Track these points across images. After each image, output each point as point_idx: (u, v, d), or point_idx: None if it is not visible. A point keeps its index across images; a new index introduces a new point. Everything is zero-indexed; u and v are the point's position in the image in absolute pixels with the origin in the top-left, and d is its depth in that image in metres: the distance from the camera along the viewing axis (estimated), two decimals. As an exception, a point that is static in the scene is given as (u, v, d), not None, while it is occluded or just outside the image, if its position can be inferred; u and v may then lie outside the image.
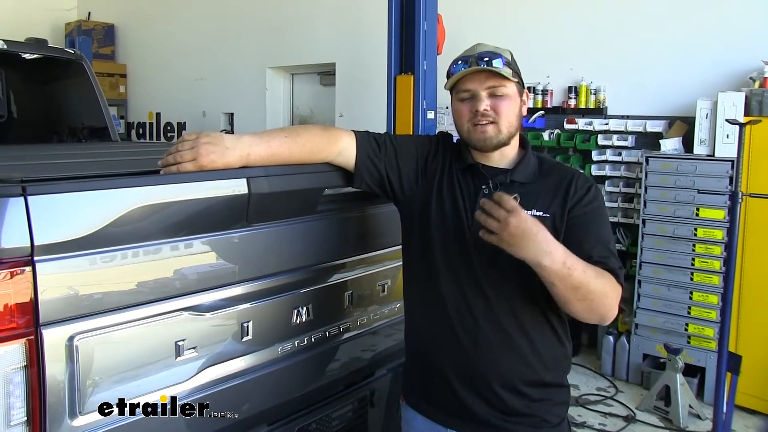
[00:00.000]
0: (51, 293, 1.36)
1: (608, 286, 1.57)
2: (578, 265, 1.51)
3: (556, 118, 5.07)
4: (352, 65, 6.28)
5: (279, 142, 1.70)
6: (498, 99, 1.70)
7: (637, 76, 4.76)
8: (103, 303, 1.45)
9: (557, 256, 1.47)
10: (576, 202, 1.68)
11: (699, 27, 4.52)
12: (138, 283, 1.52)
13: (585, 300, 1.54)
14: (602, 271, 1.58)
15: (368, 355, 2.23)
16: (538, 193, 1.70)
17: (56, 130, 4.34)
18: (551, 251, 1.47)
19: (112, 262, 1.46)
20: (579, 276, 1.50)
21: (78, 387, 1.41)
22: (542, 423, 1.72)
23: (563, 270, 1.48)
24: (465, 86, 1.72)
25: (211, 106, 7.50)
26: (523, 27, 5.21)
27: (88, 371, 1.43)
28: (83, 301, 1.42)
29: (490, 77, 1.69)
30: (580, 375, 4.65)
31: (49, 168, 1.96)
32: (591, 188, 1.71)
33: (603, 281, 1.56)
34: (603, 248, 1.64)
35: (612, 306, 1.59)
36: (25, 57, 4.18)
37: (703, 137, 4.20)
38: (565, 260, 1.48)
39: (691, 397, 4.02)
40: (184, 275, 1.61)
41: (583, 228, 1.66)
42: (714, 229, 4.13)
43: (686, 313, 4.24)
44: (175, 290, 1.59)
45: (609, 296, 1.57)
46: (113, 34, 8.53)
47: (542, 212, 1.66)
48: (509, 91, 1.71)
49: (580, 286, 1.51)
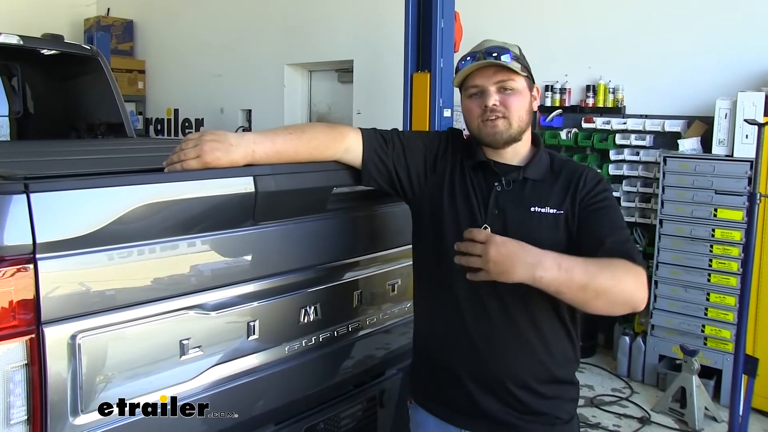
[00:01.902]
0: (53, 291, 1.35)
1: (621, 273, 1.50)
2: (577, 265, 1.46)
3: (574, 117, 5.03)
4: (370, 63, 6.26)
5: (284, 140, 1.69)
6: (507, 94, 1.68)
7: (655, 75, 4.70)
8: (106, 301, 1.44)
9: (549, 263, 1.43)
10: (585, 194, 1.66)
11: (719, 26, 4.45)
12: (141, 282, 1.51)
13: (600, 296, 1.48)
14: (610, 260, 1.52)
15: (378, 355, 2.22)
16: (551, 190, 1.68)
17: (73, 126, 4.37)
18: (540, 261, 1.43)
19: (116, 260, 1.45)
20: (580, 275, 1.45)
21: (80, 386, 1.41)
22: (555, 420, 1.71)
23: (561, 274, 1.43)
24: (473, 82, 1.70)
25: (229, 102, 7.53)
26: (541, 25, 5.17)
27: (91, 370, 1.43)
28: (86, 300, 1.41)
29: (498, 72, 1.67)
30: (596, 375, 4.61)
31: (56, 165, 1.97)
32: (600, 182, 1.69)
33: (612, 271, 1.49)
34: (616, 233, 1.60)
35: (635, 291, 1.50)
36: (42, 53, 4.21)
37: (721, 137, 4.13)
38: (559, 264, 1.44)
39: (707, 400, 3.97)
40: (188, 273, 1.60)
41: (594, 216, 1.63)
42: (732, 230, 4.06)
43: (703, 314, 4.18)
44: (180, 288, 1.58)
45: (625, 282, 1.49)
46: (132, 30, 8.59)
47: (556, 209, 1.65)
48: (518, 86, 1.69)
49: (587, 285, 1.45)
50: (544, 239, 1.61)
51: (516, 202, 1.68)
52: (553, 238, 1.63)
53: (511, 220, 1.66)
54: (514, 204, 1.68)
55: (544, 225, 1.64)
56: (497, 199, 1.69)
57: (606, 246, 1.55)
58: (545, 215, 1.65)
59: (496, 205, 1.68)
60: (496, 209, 1.68)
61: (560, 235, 1.64)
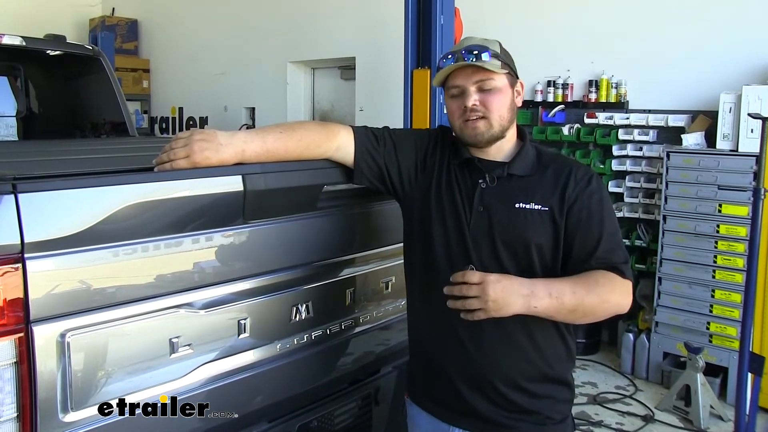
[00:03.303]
0: (42, 290, 1.36)
1: (607, 291, 1.59)
2: (566, 289, 1.55)
3: (577, 113, 5.00)
4: (372, 60, 6.26)
5: (274, 138, 1.69)
6: (487, 93, 1.67)
7: (659, 70, 4.67)
8: (95, 300, 1.45)
9: (541, 293, 1.52)
10: (576, 196, 1.65)
11: (722, 19, 4.41)
12: (130, 281, 1.51)
13: (588, 315, 1.60)
14: (597, 276, 1.59)
15: (372, 352, 2.21)
16: (537, 186, 1.68)
17: (75, 126, 4.40)
18: (533, 291, 1.52)
19: (105, 259, 1.46)
20: (570, 299, 1.54)
21: (69, 383, 1.41)
22: (545, 420, 1.71)
23: (552, 301, 1.53)
24: (454, 82, 1.70)
25: (232, 100, 7.55)
26: (543, 20, 5.14)
27: (80, 368, 1.43)
28: (75, 298, 1.42)
29: (477, 71, 1.67)
30: (599, 373, 4.59)
31: (48, 165, 1.98)
32: (591, 180, 1.68)
33: (598, 290, 1.58)
34: (606, 240, 1.63)
35: (619, 304, 1.62)
36: (45, 54, 4.24)
37: (726, 132, 4.09)
38: (549, 292, 1.53)
39: (712, 398, 3.94)
40: (177, 272, 1.61)
41: (584, 225, 1.63)
42: (737, 226, 4.03)
43: (708, 311, 4.15)
44: (169, 287, 1.58)
45: (611, 298, 1.60)
46: (137, 29, 8.62)
47: (541, 206, 1.64)
48: (498, 84, 1.68)
49: (576, 308, 1.56)
50: (530, 235, 1.62)
51: (500, 199, 1.67)
52: (539, 234, 1.63)
53: (496, 218, 1.65)
54: (498, 201, 1.67)
55: (530, 221, 1.64)
56: (482, 196, 1.68)
57: (595, 258, 1.62)
58: (530, 211, 1.64)
59: (481, 202, 1.68)
60: (481, 206, 1.67)
61: (546, 231, 1.63)
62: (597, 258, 1.61)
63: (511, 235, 1.63)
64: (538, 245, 1.63)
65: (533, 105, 5.19)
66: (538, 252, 1.63)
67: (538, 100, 5.16)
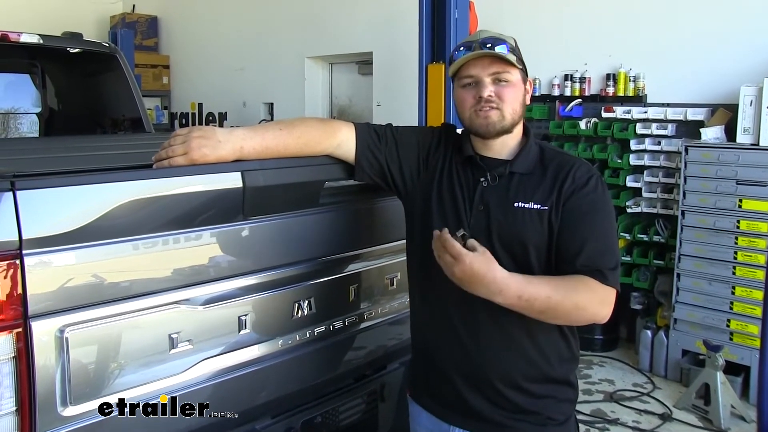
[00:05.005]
0: (40, 286, 1.38)
1: (585, 299, 1.54)
2: (540, 293, 1.49)
3: (594, 107, 4.93)
4: (389, 54, 6.24)
5: (274, 135, 1.69)
6: (502, 86, 1.66)
7: (677, 62, 4.58)
8: (93, 296, 1.46)
9: (510, 293, 1.47)
10: (571, 193, 1.61)
11: (742, 10, 4.31)
12: (127, 276, 1.52)
13: (558, 318, 1.57)
14: (576, 283, 1.54)
15: (377, 348, 2.21)
16: (537, 184, 1.65)
17: (97, 122, 4.45)
18: (502, 290, 1.46)
19: (102, 255, 1.47)
20: (541, 304, 1.49)
21: (68, 378, 1.43)
22: (547, 420, 1.69)
23: (521, 303, 1.48)
24: (468, 72, 1.68)
25: (251, 96, 7.58)
26: (559, 13, 5.08)
27: (79, 363, 1.45)
28: (73, 294, 1.43)
29: (494, 63, 1.65)
30: (617, 370, 4.54)
31: (51, 162, 2.00)
32: (591, 179, 1.64)
33: (576, 297, 1.53)
34: (593, 243, 1.58)
35: (596, 313, 1.56)
36: (64, 51, 4.28)
37: (746, 125, 4.01)
38: (520, 295, 1.47)
39: (733, 397, 3.85)
40: (177, 268, 1.61)
41: (575, 224, 1.60)
42: (758, 222, 3.95)
43: (728, 308, 4.07)
44: (168, 283, 1.59)
45: (587, 309, 1.55)
46: (156, 26, 8.69)
47: (540, 205, 1.61)
48: (513, 78, 1.67)
49: (545, 311, 1.51)
50: (527, 236, 1.60)
51: (500, 198, 1.65)
52: (537, 234, 1.60)
53: (495, 217, 1.63)
54: (498, 200, 1.65)
55: (528, 221, 1.61)
56: (482, 195, 1.67)
57: (579, 261, 1.57)
58: (528, 211, 1.61)
59: (481, 201, 1.66)
60: (481, 205, 1.66)
61: (543, 231, 1.61)
62: (582, 261, 1.56)
63: (509, 235, 1.61)
64: (536, 245, 1.60)
65: (550, 99, 5.13)
66: (535, 252, 1.61)
67: (555, 95, 5.10)
